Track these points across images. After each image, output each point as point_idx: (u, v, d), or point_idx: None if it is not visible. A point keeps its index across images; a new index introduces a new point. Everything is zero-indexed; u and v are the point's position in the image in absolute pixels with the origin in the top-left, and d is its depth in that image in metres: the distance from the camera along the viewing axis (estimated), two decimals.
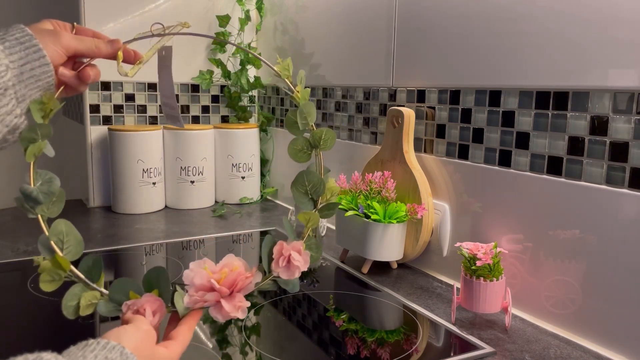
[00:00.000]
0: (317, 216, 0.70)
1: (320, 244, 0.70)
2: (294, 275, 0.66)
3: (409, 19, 1.00)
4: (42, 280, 0.60)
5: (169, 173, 1.42)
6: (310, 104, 0.73)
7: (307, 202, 0.72)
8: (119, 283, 0.62)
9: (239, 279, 0.62)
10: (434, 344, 0.72)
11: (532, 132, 0.78)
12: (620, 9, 0.66)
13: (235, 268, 0.63)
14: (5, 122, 0.55)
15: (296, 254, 0.67)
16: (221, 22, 1.50)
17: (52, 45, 0.57)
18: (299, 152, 0.74)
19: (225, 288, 0.61)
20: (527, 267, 0.79)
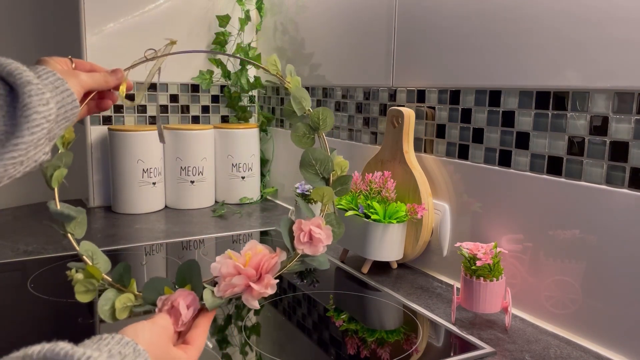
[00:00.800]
0: (330, 191, 0.71)
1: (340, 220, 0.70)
2: (319, 250, 0.66)
3: (409, 19, 1.00)
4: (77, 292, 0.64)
5: (169, 173, 1.42)
6: (302, 89, 0.74)
7: (319, 181, 0.73)
8: (151, 282, 0.64)
9: (263, 260, 0.63)
10: (434, 344, 0.72)
11: (532, 132, 0.78)
12: (620, 9, 0.66)
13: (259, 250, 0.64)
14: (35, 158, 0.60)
15: (316, 228, 0.66)
16: (221, 22, 1.50)
17: (75, 87, 0.63)
18: (302, 138, 0.74)
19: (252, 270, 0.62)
20: (527, 267, 0.79)
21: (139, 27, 1.43)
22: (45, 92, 0.57)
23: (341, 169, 0.74)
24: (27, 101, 0.55)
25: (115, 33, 1.40)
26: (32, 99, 0.55)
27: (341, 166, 0.74)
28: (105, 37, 1.38)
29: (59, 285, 0.89)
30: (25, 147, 0.56)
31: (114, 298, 0.64)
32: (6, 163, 0.55)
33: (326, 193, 0.71)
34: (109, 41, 1.39)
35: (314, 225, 0.67)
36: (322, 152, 0.73)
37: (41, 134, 0.56)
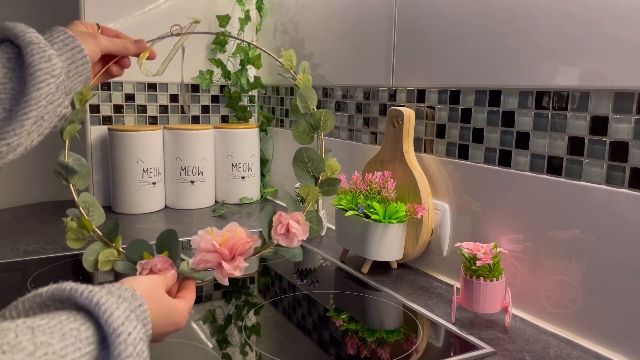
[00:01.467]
0: (316, 190, 0.75)
1: (320, 219, 0.74)
2: (293, 243, 0.70)
3: (409, 19, 1.00)
4: (68, 238, 0.71)
5: (169, 173, 1.42)
6: (310, 89, 0.77)
7: (309, 179, 0.76)
8: (134, 243, 0.70)
9: (239, 243, 0.67)
10: (434, 344, 0.72)
11: (532, 132, 0.78)
12: (620, 9, 0.66)
13: (237, 233, 0.68)
14: (57, 112, 0.66)
15: (294, 222, 0.70)
16: (221, 22, 1.50)
17: (91, 47, 0.68)
18: (302, 134, 0.77)
19: (226, 250, 0.67)
20: (527, 267, 0.79)
21: (139, 27, 1.43)
22: (48, 49, 0.61)
23: (332, 171, 0.76)
24: (30, 60, 0.59)
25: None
26: (34, 57, 0.60)
27: (332, 168, 0.76)
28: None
29: None
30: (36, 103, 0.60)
31: (99, 251, 0.70)
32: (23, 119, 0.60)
33: (311, 191, 0.75)
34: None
35: (293, 219, 0.71)
36: (316, 152, 0.75)
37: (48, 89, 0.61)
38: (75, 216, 0.72)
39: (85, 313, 0.46)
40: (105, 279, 0.95)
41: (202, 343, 0.71)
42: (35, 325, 0.41)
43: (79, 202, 0.71)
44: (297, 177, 0.76)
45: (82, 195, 0.72)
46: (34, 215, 1.35)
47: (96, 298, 0.45)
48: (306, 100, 0.77)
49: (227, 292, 0.89)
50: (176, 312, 0.60)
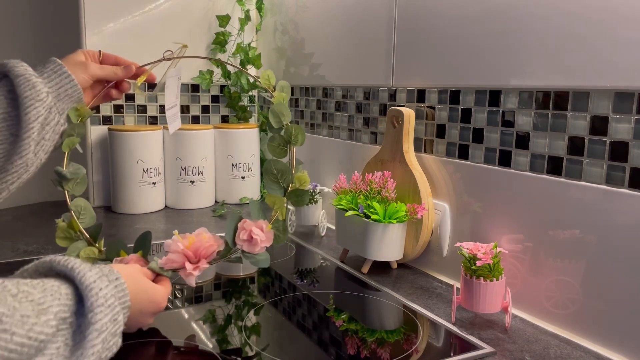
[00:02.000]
0: (282, 199, 0.80)
1: (286, 228, 0.80)
2: (256, 249, 0.75)
3: (409, 19, 1.00)
4: (57, 237, 0.79)
5: (169, 173, 1.42)
6: (283, 106, 0.83)
7: (278, 189, 0.81)
8: (113, 243, 0.78)
9: (203, 247, 0.73)
10: (434, 344, 0.72)
11: (532, 132, 0.78)
12: (620, 8, 0.66)
13: (204, 237, 0.74)
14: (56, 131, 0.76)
15: (257, 229, 0.75)
16: (221, 22, 1.50)
17: (81, 74, 0.79)
18: (276, 148, 0.83)
19: (190, 252, 0.73)
20: (527, 267, 0.79)
21: (139, 27, 1.43)
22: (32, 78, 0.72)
23: (301, 182, 0.81)
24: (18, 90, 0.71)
25: (115, 33, 1.40)
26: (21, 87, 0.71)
27: (301, 180, 0.81)
28: (105, 37, 1.38)
29: None
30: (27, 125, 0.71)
31: (82, 248, 0.78)
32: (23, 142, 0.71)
33: (277, 201, 0.80)
34: (109, 41, 1.39)
35: (257, 226, 0.75)
36: (285, 164, 0.80)
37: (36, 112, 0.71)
38: (67, 218, 0.79)
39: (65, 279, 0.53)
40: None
41: (202, 343, 0.71)
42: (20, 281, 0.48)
43: (71, 206, 0.79)
44: (267, 188, 0.81)
45: (76, 200, 0.80)
46: (34, 215, 1.35)
47: (71, 264, 0.53)
48: (279, 116, 0.82)
49: (227, 292, 0.89)
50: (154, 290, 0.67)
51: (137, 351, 0.69)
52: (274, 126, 0.83)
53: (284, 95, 0.84)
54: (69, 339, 0.48)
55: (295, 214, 1.21)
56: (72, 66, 0.78)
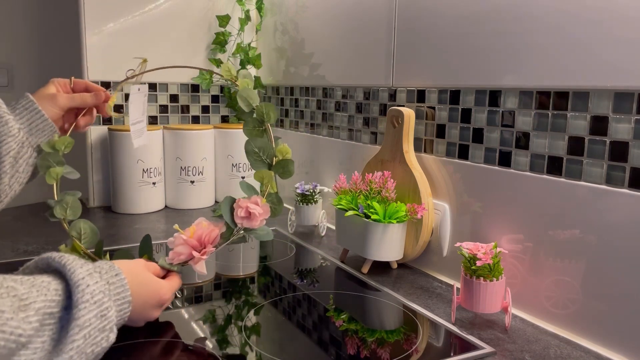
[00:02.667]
0: (270, 174, 0.81)
1: (280, 199, 0.81)
2: (256, 224, 0.77)
3: (409, 19, 1.00)
4: None
5: (169, 173, 1.42)
6: (249, 90, 0.84)
7: (263, 165, 0.83)
8: (119, 254, 0.80)
9: (205, 233, 0.76)
10: (434, 344, 0.72)
11: (532, 132, 0.78)
12: (620, 8, 0.66)
13: (204, 225, 0.77)
14: (29, 164, 0.81)
15: (253, 204, 0.77)
16: (221, 22, 1.50)
17: (50, 107, 0.82)
18: (252, 131, 0.84)
19: (194, 241, 0.75)
20: (527, 267, 0.79)
21: (139, 27, 1.43)
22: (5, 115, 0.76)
23: (283, 154, 0.82)
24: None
25: (115, 33, 1.40)
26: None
27: (282, 152, 0.82)
28: (105, 37, 1.38)
29: None
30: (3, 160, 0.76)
31: None
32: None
33: (265, 175, 0.81)
34: (109, 41, 1.39)
35: (252, 202, 0.77)
36: (263, 140, 0.82)
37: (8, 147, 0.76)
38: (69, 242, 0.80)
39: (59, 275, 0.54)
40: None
41: (202, 343, 0.71)
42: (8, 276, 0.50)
43: (70, 231, 0.79)
44: (252, 166, 0.83)
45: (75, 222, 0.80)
46: (34, 215, 1.35)
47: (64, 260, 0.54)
48: (247, 99, 0.83)
49: (227, 292, 0.89)
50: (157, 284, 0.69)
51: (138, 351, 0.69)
52: (245, 110, 0.84)
53: (247, 80, 0.85)
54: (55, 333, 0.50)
55: (296, 214, 1.21)
56: (42, 100, 0.81)
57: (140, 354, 0.68)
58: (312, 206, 1.19)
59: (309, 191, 1.19)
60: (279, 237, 1.19)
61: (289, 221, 1.23)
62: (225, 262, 1.03)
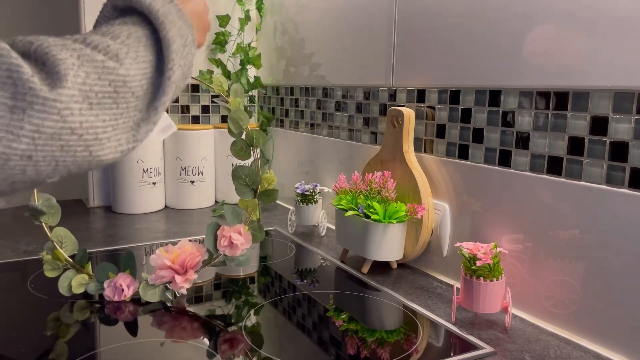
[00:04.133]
0: (255, 202, 0.84)
1: (261, 226, 0.85)
2: (237, 253, 0.80)
3: (409, 19, 1.00)
4: (45, 269, 0.81)
5: (169, 173, 1.42)
6: (241, 111, 0.87)
7: (249, 192, 0.86)
8: (101, 267, 0.82)
9: (188, 258, 0.79)
10: (434, 344, 0.72)
11: (532, 132, 0.78)
12: (620, 9, 0.66)
13: (187, 249, 0.80)
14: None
15: (236, 234, 0.80)
16: (221, 22, 1.50)
17: None
18: (240, 151, 0.88)
19: (177, 266, 0.78)
20: (527, 267, 0.79)
21: None
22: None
23: (269, 182, 0.85)
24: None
25: None
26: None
27: (268, 180, 0.86)
28: None
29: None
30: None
31: (72, 277, 0.81)
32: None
33: (250, 204, 0.84)
34: None
35: (235, 231, 0.80)
36: (251, 168, 0.85)
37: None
38: (49, 249, 0.81)
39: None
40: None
41: (202, 343, 0.71)
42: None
43: (52, 237, 0.80)
44: (237, 191, 0.85)
45: (55, 230, 0.81)
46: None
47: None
48: (238, 122, 0.87)
49: (227, 292, 0.89)
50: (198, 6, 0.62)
51: (138, 351, 0.69)
52: (234, 132, 0.87)
53: (239, 100, 0.87)
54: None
55: (296, 214, 1.21)
56: None
57: (140, 354, 0.68)
58: (312, 206, 1.19)
59: (309, 191, 1.19)
60: (279, 237, 1.19)
61: (289, 221, 1.23)
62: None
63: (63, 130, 0.41)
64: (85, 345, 0.70)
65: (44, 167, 0.42)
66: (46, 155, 0.41)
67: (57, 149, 0.41)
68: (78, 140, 0.42)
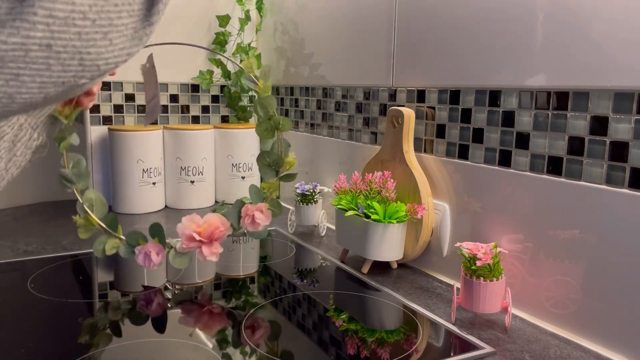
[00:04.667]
0: (276, 183, 0.91)
1: (279, 204, 0.92)
2: (259, 228, 0.89)
3: (409, 19, 1.00)
4: (80, 232, 0.87)
5: (169, 173, 1.42)
6: (270, 97, 0.92)
7: (270, 172, 0.92)
8: (132, 234, 0.88)
9: (215, 231, 0.85)
10: (434, 344, 0.72)
11: (532, 132, 0.78)
12: (620, 9, 0.66)
13: (213, 223, 0.86)
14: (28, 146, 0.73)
15: (259, 213, 0.88)
16: (221, 22, 1.50)
17: None
18: (264, 132, 0.92)
19: (204, 238, 0.85)
20: (527, 267, 0.79)
21: None
22: None
23: (290, 165, 0.92)
24: None
25: None
26: None
27: (290, 164, 0.92)
28: None
29: (59, 285, 0.89)
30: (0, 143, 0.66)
31: (105, 241, 0.88)
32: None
33: (272, 185, 0.91)
34: None
35: (258, 210, 0.88)
36: (275, 153, 0.92)
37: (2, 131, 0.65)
38: (82, 212, 0.86)
39: None
40: (103, 279, 0.95)
41: (202, 343, 0.71)
42: None
43: (83, 202, 0.86)
44: (260, 171, 0.92)
45: (87, 193, 0.86)
46: (34, 215, 1.35)
47: None
48: (266, 107, 0.91)
49: (227, 292, 0.89)
50: None
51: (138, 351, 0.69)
52: (262, 117, 0.92)
53: (268, 85, 0.92)
54: None
55: (296, 214, 1.21)
56: None
57: (140, 354, 0.68)
58: (312, 206, 1.19)
59: (309, 191, 1.19)
60: (279, 237, 1.19)
61: (289, 221, 1.23)
62: (225, 262, 1.03)
63: (74, 14, 0.40)
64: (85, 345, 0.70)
65: (68, 60, 0.41)
66: (66, 44, 0.40)
67: (75, 37, 0.40)
68: (93, 26, 0.41)
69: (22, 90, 0.40)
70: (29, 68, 0.39)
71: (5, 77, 0.39)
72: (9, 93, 0.39)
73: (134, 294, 0.87)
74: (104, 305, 0.82)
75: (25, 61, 0.39)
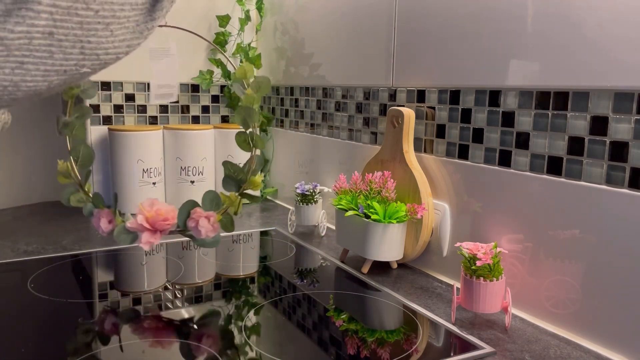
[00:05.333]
0: (234, 198, 0.87)
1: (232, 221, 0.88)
2: (201, 235, 0.84)
3: (409, 19, 1.00)
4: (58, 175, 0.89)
5: (169, 173, 1.42)
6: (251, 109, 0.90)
7: (233, 184, 0.89)
8: (96, 195, 0.88)
9: (160, 222, 0.84)
10: (434, 344, 0.72)
11: (532, 132, 0.78)
12: (619, 9, 0.66)
13: (162, 214, 0.84)
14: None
15: (204, 220, 0.84)
16: (221, 22, 1.50)
17: None
18: (242, 143, 0.89)
19: (149, 225, 0.83)
20: (527, 267, 0.79)
21: None
22: None
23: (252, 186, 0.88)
24: None
25: None
26: None
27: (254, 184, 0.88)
28: None
29: (59, 285, 0.89)
30: None
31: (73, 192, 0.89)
32: None
33: (230, 198, 0.88)
34: None
35: (206, 217, 0.84)
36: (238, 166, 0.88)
37: None
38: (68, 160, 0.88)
39: None
40: (103, 279, 0.95)
41: (202, 343, 0.71)
42: None
43: (71, 152, 0.88)
44: (223, 182, 0.89)
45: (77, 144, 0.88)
46: (34, 215, 1.35)
47: None
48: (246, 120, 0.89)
49: (227, 292, 0.89)
50: None
51: (138, 351, 0.69)
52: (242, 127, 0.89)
53: (255, 96, 0.90)
54: None
55: (296, 214, 1.21)
56: None
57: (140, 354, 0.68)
58: (312, 206, 1.19)
59: (309, 191, 1.19)
60: (279, 237, 1.19)
61: (289, 221, 1.23)
62: (225, 262, 1.03)
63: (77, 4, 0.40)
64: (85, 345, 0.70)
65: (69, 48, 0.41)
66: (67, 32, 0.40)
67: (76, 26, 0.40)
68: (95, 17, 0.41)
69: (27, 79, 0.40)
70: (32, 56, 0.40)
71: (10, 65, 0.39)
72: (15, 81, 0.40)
73: (134, 294, 0.87)
74: (104, 305, 0.82)
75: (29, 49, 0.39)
